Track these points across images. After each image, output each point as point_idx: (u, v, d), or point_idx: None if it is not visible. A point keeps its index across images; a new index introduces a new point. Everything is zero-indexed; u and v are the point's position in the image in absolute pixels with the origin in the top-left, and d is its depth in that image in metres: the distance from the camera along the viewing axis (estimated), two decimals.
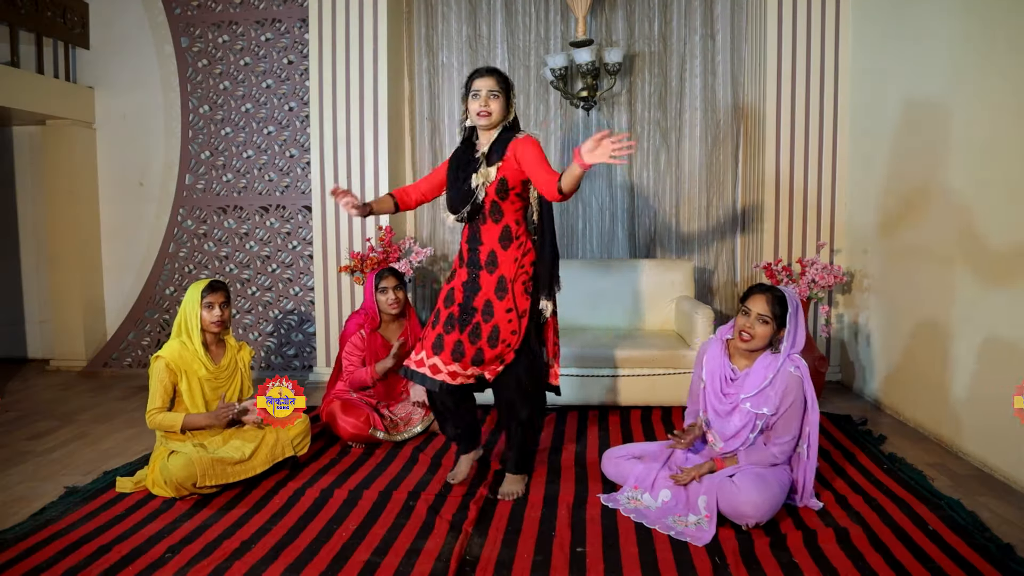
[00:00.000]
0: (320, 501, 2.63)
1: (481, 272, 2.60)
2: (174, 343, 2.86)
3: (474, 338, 2.58)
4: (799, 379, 2.45)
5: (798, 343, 2.49)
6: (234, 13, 4.88)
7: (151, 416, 2.79)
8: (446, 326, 2.62)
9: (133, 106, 5.13)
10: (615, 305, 4.24)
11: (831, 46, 4.21)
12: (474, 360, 2.58)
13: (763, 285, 2.53)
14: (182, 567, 2.15)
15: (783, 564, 2.13)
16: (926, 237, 3.41)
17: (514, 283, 2.60)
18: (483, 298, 2.59)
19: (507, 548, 2.27)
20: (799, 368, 2.46)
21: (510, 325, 2.58)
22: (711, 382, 2.59)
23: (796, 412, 2.45)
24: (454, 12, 4.79)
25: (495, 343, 2.57)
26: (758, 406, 2.46)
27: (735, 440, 2.51)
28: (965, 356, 3.08)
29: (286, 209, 4.92)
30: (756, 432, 2.49)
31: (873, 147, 3.94)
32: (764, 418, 2.47)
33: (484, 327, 2.58)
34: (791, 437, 2.47)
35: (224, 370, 2.94)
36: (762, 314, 2.45)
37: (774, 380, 2.45)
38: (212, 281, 2.92)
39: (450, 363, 2.59)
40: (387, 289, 3.36)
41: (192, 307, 2.86)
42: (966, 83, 3.10)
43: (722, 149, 4.70)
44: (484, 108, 2.52)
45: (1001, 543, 2.21)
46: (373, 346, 3.37)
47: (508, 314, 2.58)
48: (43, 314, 5.36)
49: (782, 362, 2.46)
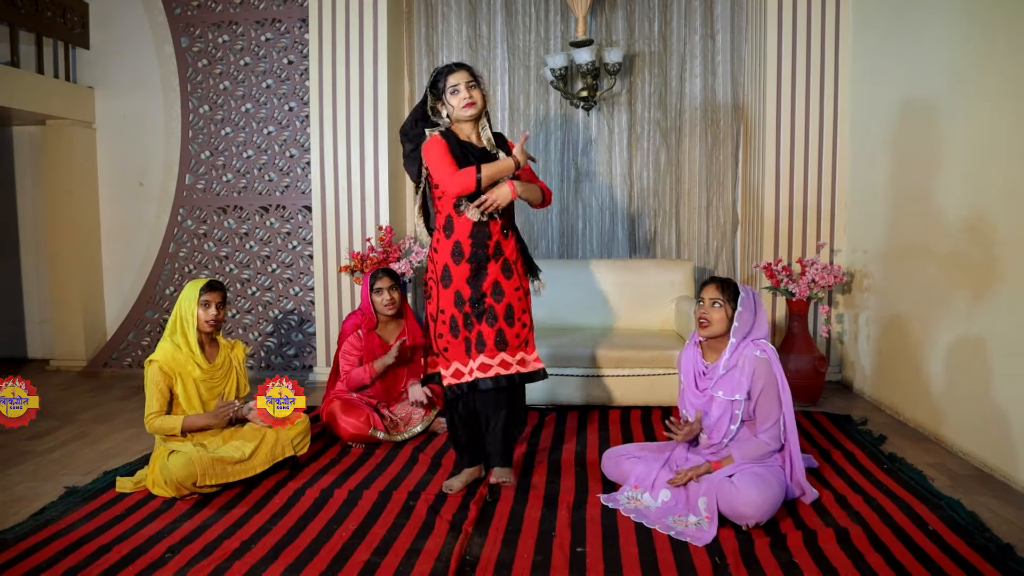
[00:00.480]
0: (320, 501, 2.63)
1: (488, 263, 2.65)
2: (166, 345, 2.84)
3: (492, 320, 2.64)
4: (766, 361, 2.51)
5: (757, 329, 2.57)
6: (234, 13, 4.88)
7: (150, 421, 2.78)
8: (466, 326, 2.65)
9: (133, 106, 5.13)
10: (615, 305, 4.24)
11: (831, 46, 4.21)
12: (498, 343, 2.62)
13: (714, 277, 2.67)
14: (182, 567, 2.15)
15: (783, 564, 2.13)
16: (926, 237, 3.41)
17: (516, 264, 2.71)
18: (491, 281, 2.65)
19: (507, 548, 2.27)
20: (765, 351, 2.53)
21: (520, 303, 2.69)
22: (687, 380, 2.68)
23: (772, 394, 2.51)
24: (454, 12, 4.80)
25: (511, 321, 2.64)
26: (730, 392, 2.53)
27: (718, 432, 2.56)
28: (965, 356, 3.08)
29: (286, 209, 4.92)
30: (737, 424, 2.54)
31: (873, 147, 3.94)
32: (740, 405, 2.52)
33: (498, 307, 2.64)
34: (775, 421, 2.51)
35: (219, 369, 2.94)
36: (713, 298, 2.57)
37: (741, 364, 2.53)
38: (211, 280, 2.92)
39: (476, 356, 2.64)
40: (382, 290, 3.35)
41: (189, 304, 2.86)
42: (966, 84, 3.10)
43: (722, 149, 4.70)
44: (469, 99, 2.59)
45: (1001, 543, 2.21)
46: (370, 346, 3.37)
47: (517, 292, 2.69)
48: (43, 314, 5.36)
49: (745, 347, 2.55)
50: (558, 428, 3.50)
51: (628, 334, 4.02)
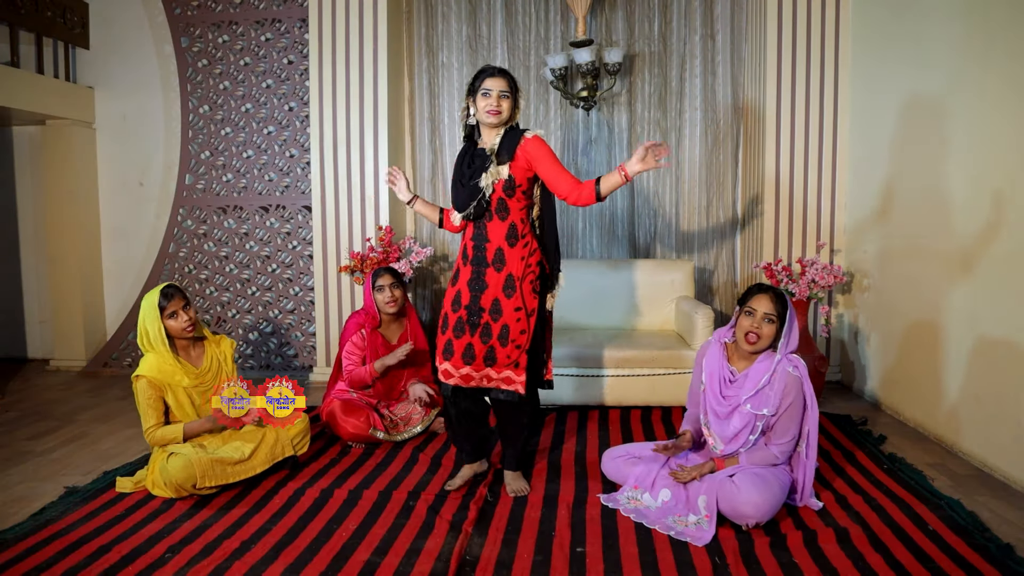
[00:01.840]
0: (320, 501, 2.63)
1: (488, 270, 2.60)
2: (150, 358, 2.77)
3: (485, 338, 2.59)
4: (798, 379, 2.45)
5: (792, 342, 2.50)
6: (234, 13, 4.88)
7: (150, 434, 2.75)
8: (456, 331, 2.62)
9: (133, 106, 5.13)
10: (615, 305, 4.24)
11: (831, 46, 4.21)
12: (486, 359, 2.59)
13: (763, 285, 2.53)
14: (182, 567, 2.15)
15: (783, 564, 2.13)
16: (926, 237, 3.41)
17: (522, 282, 2.61)
18: (491, 297, 2.59)
19: (507, 548, 2.27)
20: (797, 368, 2.47)
21: (519, 324, 2.59)
22: (710, 384, 2.59)
23: (796, 412, 2.46)
24: (454, 12, 4.80)
25: (505, 341, 2.58)
26: (758, 407, 2.47)
27: (735, 442, 2.51)
28: (965, 356, 3.08)
29: (286, 209, 4.92)
30: (756, 434, 2.49)
31: (873, 147, 3.94)
32: (764, 419, 2.47)
33: (494, 326, 2.59)
34: (791, 437, 2.47)
35: (208, 372, 2.89)
36: (768, 313, 2.46)
37: (772, 380, 2.46)
38: (163, 288, 2.77)
39: (461, 366, 2.61)
40: (384, 288, 3.35)
41: (152, 323, 2.74)
42: (966, 83, 3.10)
43: (722, 149, 4.70)
44: (495, 107, 2.53)
45: (1001, 543, 2.21)
46: (373, 345, 3.38)
47: (517, 312, 2.59)
48: (43, 314, 5.36)
49: (779, 361, 2.47)
50: (558, 428, 3.50)
51: (628, 334, 4.02)
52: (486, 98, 2.54)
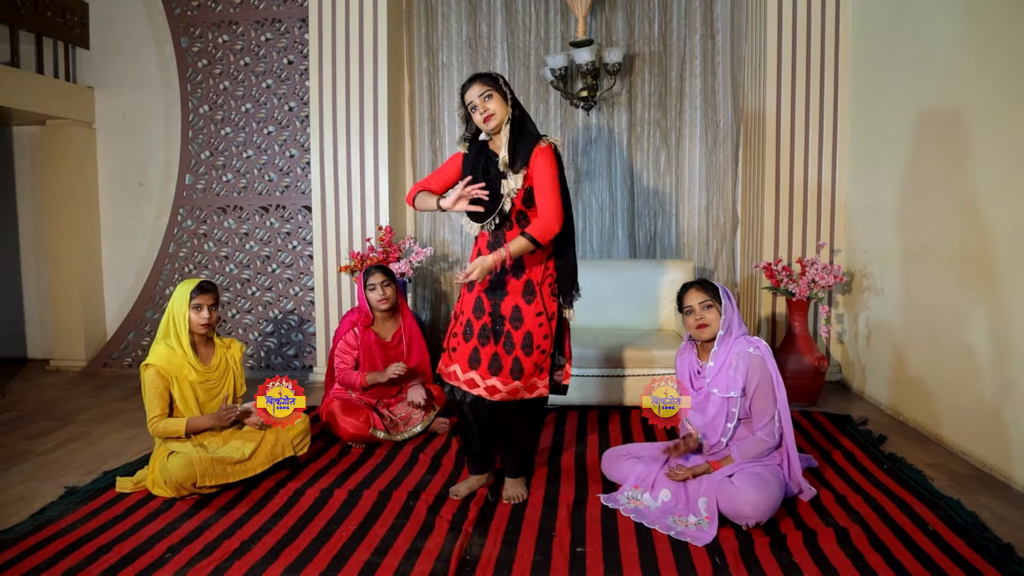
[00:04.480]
0: (320, 501, 2.63)
1: (507, 276, 2.54)
2: (160, 348, 2.80)
3: (508, 348, 2.53)
4: (760, 358, 2.53)
5: (737, 318, 2.60)
6: (234, 13, 4.88)
7: (153, 424, 2.76)
8: (480, 338, 2.55)
9: (133, 106, 5.13)
10: (615, 305, 4.24)
11: (831, 46, 4.21)
12: (512, 372, 2.52)
13: (687, 284, 2.68)
14: (182, 567, 2.15)
15: (783, 564, 2.13)
16: (925, 237, 3.41)
17: (541, 286, 2.56)
18: (510, 304, 2.54)
19: (507, 548, 2.27)
20: (759, 348, 2.55)
21: (541, 329, 2.55)
22: (684, 380, 2.69)
23: (767, 391, 2.51)
24: (454, 12, 4.80)
25: (530, 350, 2.52)
26: (725, 390, 2.54)
27: (714, 432, 2.57)
28: (964, 356, 3.08)
29: (286, 209, 4.92)
30: (734, 422, 2.54)
31: (873, 147, 3.94)
32: (736, 402, 2.53)
33: (516, 335, 2.52)
34: (771, 417, 2.52)
35: (215, 371, 2.90)
36: (702, 301, 2.60)
37: (735, 363, 2.54)
38: (202, 282, 2.86)
39: (488, 377, 2.54)
40: (375, 285, 3.36)
41: (180, 307, 2.81)
42: (966, 83, 3.10)
43: (722, 149, 4.70)
44: (485, 112, 2.47)
45: (1001, 543, 2.21)
46: (366, 343, 3.37)
47: (539, 318, 2.54)
48: (43, 314, 5.37)
49: (736, 342, 2.57)
50: (558, 428, 3.50)
51: (628, 334, 4.02)
52: (475, 112, 2.50)
